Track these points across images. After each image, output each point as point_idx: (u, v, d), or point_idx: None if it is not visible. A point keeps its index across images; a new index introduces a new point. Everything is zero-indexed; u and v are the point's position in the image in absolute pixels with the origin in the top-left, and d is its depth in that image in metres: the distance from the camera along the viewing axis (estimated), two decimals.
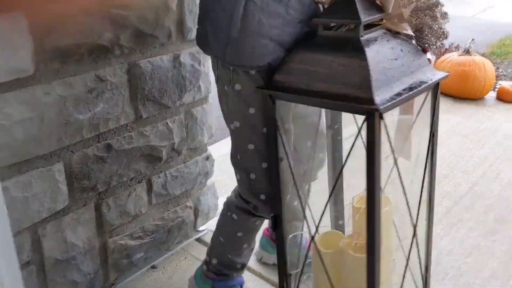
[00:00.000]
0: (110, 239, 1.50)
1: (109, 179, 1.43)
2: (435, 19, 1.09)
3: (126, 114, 1.41)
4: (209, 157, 1.73)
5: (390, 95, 0.94)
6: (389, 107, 0.92)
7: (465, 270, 1.74)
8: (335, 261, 1.20)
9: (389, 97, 0.93)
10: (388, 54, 0.99)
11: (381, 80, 0.94)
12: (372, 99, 0.90)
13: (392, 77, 0.97)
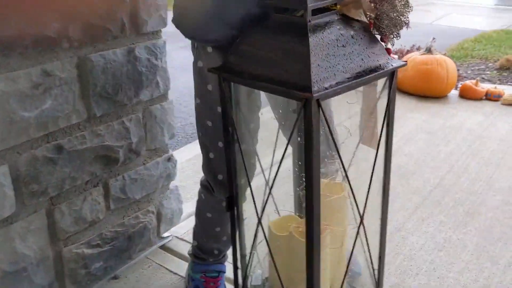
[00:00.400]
0: (65, 248, 1.40)
1: (61, 183, 1.33)
2: (394, 7, 1.05)
3: (78, 112, 1.32)
4: (171, 158, 1.65)
5: (331, 82, 0.91)
6: (327, 95, 0.90)
7: (438, 264, 1.71)
8: (286, 245, 1.19)
9: (329, 85, 0.91)
10: (336, 41, 0.97)
11: (322, 66, 0.91)
12: (309, 86, 0.88)
13: (337, 64, 0.94)
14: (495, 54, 4.88)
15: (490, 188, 2.20)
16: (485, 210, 2.02)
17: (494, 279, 1.64)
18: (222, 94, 1.09)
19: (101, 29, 1.31)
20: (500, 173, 2.32)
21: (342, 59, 0.95)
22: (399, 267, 1.69)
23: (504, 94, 3.16)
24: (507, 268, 1.69)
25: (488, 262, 1.72)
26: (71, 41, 1.25)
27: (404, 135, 2.72)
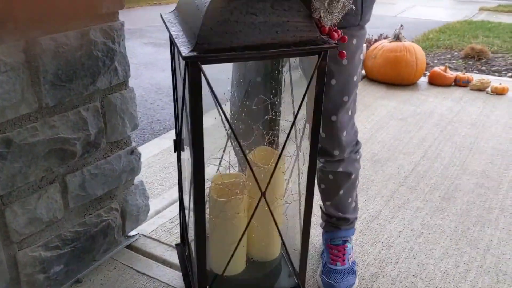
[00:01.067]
0: (20, 251, 1.28)
1: (12, 180, 1.21)
2: None
3: (28, 101, 1.20)
4: (134, 151, 1.54)
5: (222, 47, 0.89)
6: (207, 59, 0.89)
7: (417, 251, 1.66)
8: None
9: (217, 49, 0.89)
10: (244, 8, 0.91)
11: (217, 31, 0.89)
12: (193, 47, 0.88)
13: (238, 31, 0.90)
14: (460, 43, 4.93)
15: (464, 172, 2.17)
16: (460, 195, 1.99)
17: (474, 264, 1.60)
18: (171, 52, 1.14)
19: (51, 9, 1.19)
20: (473, 157, 2.30)
21: (246, 28, 0.91)
22: (378, 255, 1.63)
23: (472, 80, 3.16)
24: (486, 252, 1.66)
25: (467, 247, 1.68)
26: (17, 22, 1.13)
27: (376, 122, 2.68)
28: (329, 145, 1.35)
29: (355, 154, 1.45)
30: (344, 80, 1.27)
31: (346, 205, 1.51)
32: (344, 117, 1.33)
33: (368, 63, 3.23)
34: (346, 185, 1.46)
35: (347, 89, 1.29)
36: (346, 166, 1.42)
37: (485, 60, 4.38)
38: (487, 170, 2.19)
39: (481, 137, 2.51)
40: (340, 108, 1.30)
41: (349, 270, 1.49)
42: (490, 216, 1.85)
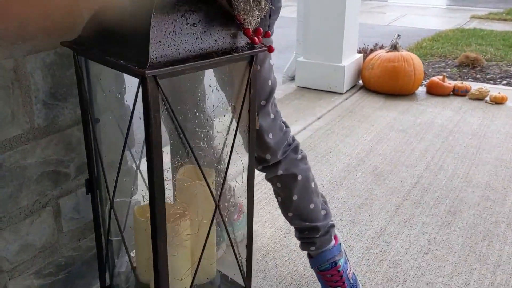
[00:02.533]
0: (11, 280, 1.20)
1: (2, 206, 1.14)
2: None
3: (19, 122, 1.13)
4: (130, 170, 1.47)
5: (173, 60, 0.89)
6: (165, 72, 0.87)
7: (426, 268, 1.60)
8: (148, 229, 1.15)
9: (170, 62, 0.88)
10: (184, 19, 0.93)
11: (165, 44, 0.88)
12: (146, 62, 0.85)
13: (183, 42, 0.92)
14: (454, 52, 4.93)
15: (468, 184, 2.12)
16: (466, 208, 1.94)
17: (485, 281, 1.54)
18: (76, 69, 1.08)
19: (40, 27, 1.13)
20: (476, 169, 2.26)
21: (191, 38, 0.93)
22: (385, 274, 1.57)
23: (470, 89, 3.13)
24: (496, 268, 1.60)
25: (476, 263, 1.63)
26: (5, 40, 1.07)
27: (376, 134, 2.63)
28: (259, 151, 1.31)
29: (293, 153, 1.37)
30: (259, 85, 1.26)
31: (310, 212, 1.40)
32: (266, 121, 1.29)
33: (365, 74, 3.19)
34: (296, 188, 1.36)
35: (263, 93, 1.27)
36: (286, 168, 1.34)
37: (480, 68, 4.37)
38: (491, 182, 2.14)
39: (483, 147, 2.47)
40: (259, 112, 1.28)
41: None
42: (497, 230, 1.80)
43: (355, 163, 2.30)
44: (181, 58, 0.90)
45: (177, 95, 1.25)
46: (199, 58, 0.92)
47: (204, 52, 0.94)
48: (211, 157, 1.28)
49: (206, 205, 1.18)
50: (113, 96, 1.31)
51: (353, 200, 2.00)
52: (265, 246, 1.70)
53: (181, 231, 1.13)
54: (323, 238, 1.40)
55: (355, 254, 1.66)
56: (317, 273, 1.44)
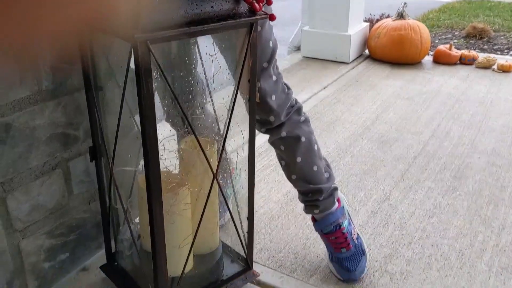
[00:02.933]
0: (23, 239, 1.23)
1: (13, 166, 1.16)
2: None
3: (27, 84, 1.14)
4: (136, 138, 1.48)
5: (167, 25, 0.87)
6: (158, 38, 0.86)
7: (431, 231, 1.62)
8: None
9: (163, 27, 0.86)
10: None
11: (157, 9, 0.87)
12: (138, 27, 0.84)
13: (177, 8, 0.90)
14: (461, 23, 4.87)
15: (474, 150, 2.12)
16: (472, 173, 1.95)
17: (490, 243, 1.56)
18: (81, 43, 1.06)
19: None
20: (483, 135, 2.25)
21: (185, 4, 0.90)
22: (390, 237, 1.59)
23: (478, 58, 3.11)
24: (501, 230, 1.62)
25: (481, 226, 1.64)
26: None
27: (382, 102, 2.63)
28: (262, 113, 1.31)
29: (296, 115, 1.37)
30: (261, 46, 1.24)
31: (313, 174, 1.40)
32: (268, 83, 1.29)
33: (372, 43, 3.17)
34: (299, 150, 1.37)
35: (264, 56, 1.26)
36: (289, 130, 1.35)
37: (487, 39, 4.32)
38: (497, 148, 2.14)
39: (490, 115, 2.46)
40: (261, 75, 1.27)
41: (358, 252, 1.43)
42: (503, 195, 1.81)
43: (361, 131, 2.31)
44: (174, 24, 0.88)
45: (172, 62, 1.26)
46: (193, 24, 0.90)
47: (199, 18, 0.92)
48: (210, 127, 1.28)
49: (206, 175, 1.19)
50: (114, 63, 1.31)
51: (359, 166, 2.01)
52: (272, 210, 1.72)
53: (179, 200, 1.14)
54: (326, 201, 1.41)
55: (360, 218, 1.68)
56: (322, 236, 1.46)
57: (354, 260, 1.41)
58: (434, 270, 1.44)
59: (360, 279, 1.40)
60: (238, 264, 1.38)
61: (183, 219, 1.18)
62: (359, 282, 1.39)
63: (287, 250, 1.52)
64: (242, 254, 1.41)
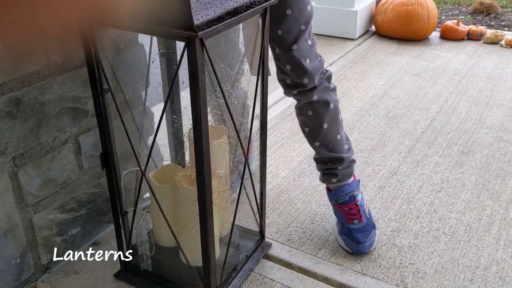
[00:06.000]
0: (35, 214, 1.25)
1: (23, 141, 1.16)
2: None
3: (35, 58, 1.14)
4: (146, 110, 1.49)
5: (211, 19, 0.88)
6: (210, 33, 0.86)
7: (438, 205, 1.62)
8: (171, 195, 1.19)
9: (210, 22, 0.87)
10: None
11: (201, 2, 0.87)
12: (191, 24, 0.83)
13: (215, 0, 0.90)
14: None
15: (482, 126, 2.12)
16: (479, 148, 1.95)
17: (497, 216, 1.57)
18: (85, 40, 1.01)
19: None
20: (490, 111, 2.24)
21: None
22: (398, 211, 1.59)
23: (485, 33, 3.07)
24: (509, 204, 1.62)
25: (489, 200, 1.64)
26: None
27: (389, 78, 2.61)
28: (297, 75, 1.33)
29: (327, 82, 1.40)
30: (298, 9, 1.27)
31: (336, 143, 1.43)
32: (304, 45, 1.31)
33: (378, 18, 3.13)
34: (326, 116, 1.39)
35: (302, 18, 1.28)
36: (320, 94, 1.38)
37: (494, 15, 4.26)
38: (505, 123, 2.13)
39: (498, 90, 2.44)
40: (298, 37, 1.29)
41: (369, 225, 1.45)
42: (511, 169, 1.81)
43: (368, 107, 2.30)
44: (217, 17, 0.90)
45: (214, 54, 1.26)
46: (230, 15, 0.92)
47: (232, 9, 0.94)
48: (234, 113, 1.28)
49: (223, 161, 1.21)
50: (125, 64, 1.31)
51: (366, 142, 2.00)
52: (279, 186, 1.73)
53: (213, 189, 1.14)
54: (345, 171, 1.44)
55: (368, 192, 1.69)
56: (335, 205, 1.47)
57: (364, 232, 1.42)
58: (441, 243, 1.45)
59: (368, 253, 1.41)
60: (252, 237, 1.41)
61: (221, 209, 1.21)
62: (367, 256, 1.40)
63: (295, 224, 1.54)
64: (253, 228, 1.42)
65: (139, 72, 1.42)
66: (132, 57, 1.37)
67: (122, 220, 1.29)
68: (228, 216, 1.30)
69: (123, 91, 1.28)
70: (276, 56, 1.32)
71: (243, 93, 1.51)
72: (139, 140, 1.35)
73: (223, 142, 1.20)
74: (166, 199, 1.20)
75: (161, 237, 1.27)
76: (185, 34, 0.84)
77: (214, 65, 0.96)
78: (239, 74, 1.36)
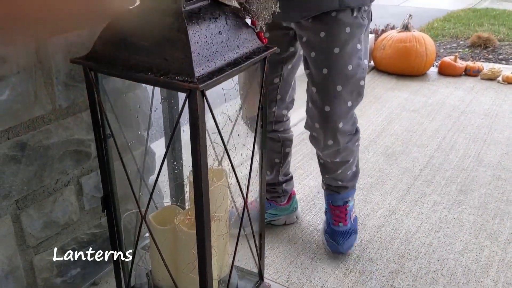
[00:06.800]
0: (36, 255, 1.26)
1: (27, 184, 1.18)
2: None
3: (41, 103, 1.17)
4: (148, 151, 1.51)
5: (212, 71, 0.90)
6: (211, 85, 0.88)
7: (437, 246, 1.63)
8: (170, 237, 1.19)
9: (211, 73, 0.89)
10: (212, 28, 0.95)
11: (203, 55, 0.90)
12: (192, 76, 0.86)
13: (215, 51, 0.93)
14: (465, 32, 4.88)
15: (480, 164, 2.14)
16: (477, 187, 1.96)
17: (496, 258, 1.57)
18: (90, 87, 1.03)
19: (62, 7, 1.16)
20: (488, 148, 2.27)
21: (220, 47, 0.94)
22: (397, 251, 1.60)
23: (483, 69, 3.12)
24: (507, 245, 1.63)
25: (487, 241, 1.65)
26: (28, 22, 1.10)
27: (387, 114, 2.65)
28: (323, 136, 1.35)
29: (353, 143, 1.44)
30: (337, 69, 1.26)
31: (346, 177, 1.55)
32: (340, 108, 1.30)
33: (377, 54, 3.19)
34: (343, 167, 1.50)
35: (340, 79, 1.27)
36: (343, 156, 1.43)
37: (492, 48, 4.32)
38: (503, 161, 2.15)
39: (495, 127, 2.47)
40: (334, 98, 1.28)
41: (351, 230, 1.57)
42: (509, 208, 1.82)
43: (367, 144, 2.32)
44: (218, 68, 0.92)
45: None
46: (231, 66, 0.94)
47: (232, 59, 0.96)
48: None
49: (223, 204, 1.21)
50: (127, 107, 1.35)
51: (365, 180, 2.02)
52: (279, 224, 1.74)
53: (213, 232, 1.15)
54: (347, 191, 1.57)
55: (367, 232, 1.70)
56: (329, 205, 1.60)
57: (346, 235, 1.54)
58: (440, 285, 1.45)
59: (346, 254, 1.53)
60: (251, 279, 1.41)
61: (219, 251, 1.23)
62: None
63: (295, 264, 1.54)
64: (251, 269, 1.43)
65: (142, 114, 1.45)
66: (135, 100, 1.41)
67: (122, 261, 1.30)
68: (227, 259, 1.31)
69: (125, 135, 1.31)
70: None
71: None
72: (139, 181, 1.37)
73: (223, 185, 1.21)
74: (165, 241, 1.21)
75: (160, 280, 1.28)
76: (186, 86, 0.87)
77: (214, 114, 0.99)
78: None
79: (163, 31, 0.91)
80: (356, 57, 1.29)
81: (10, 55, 1.08)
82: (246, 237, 1.35)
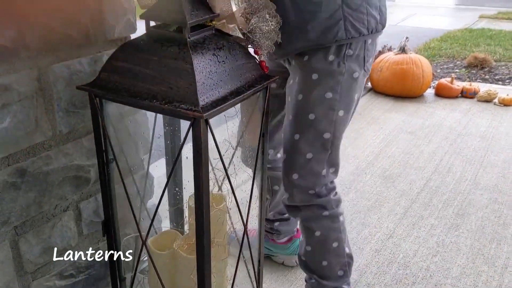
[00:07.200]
0: (34, 281, 1.25)
1: (26, 210, 1.18)
2: (265, 20, 1.07)
3: (42, 129, 1.18)
4: (147, 175, 1.52)
5: (216, 99, 0.92)
6: (214, 113, 0.90)
7: (434, 270, 1.63)
8: (169, 262, 1.19)
9: (214, 102, 0.91)
10: (216, 57, 0.97)
11: (207, 84, 0.91)
12: (197, 104, 0.88)
13: (219, 80, 0.95)
14: (462, 52, 4.93)
15: (476, 187, 2.15)
16: (474, 210, 1.97)
17: (493, 283, 1.57)
18: (95, 113, 1.05)
19: (63, 36, 1.18)
20: (485, 171, 2.28)
21: (223, 76, 0.96)
22: (394, 276, 1.60)
23: (479, 91, 3.15)
24: (504, 270, 1.63)
25: (484, 265, 1.66)
26: (30, 50, 1.12)
27: (385, 136, 2.66)
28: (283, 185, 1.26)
29: (321, 210, 1.24)
30: (298, 116, 1.16)
31: (321, 268, 1.31)
32: (296, 158, 1.18)
33: (374, 76, 3.22)
34: (310, 240, 1.29)
35: (299, 127, 1.17)
36: (305, 217, 1.27)
37: (489, 69, 4.37)
38: (499, 184, 2.17)
39: (491, 150, 2.49)
40: (290, 147, 1.18)
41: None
42: (505, 233, 1.83)
43: (364, 166, 2.34)
44: (221, 97, 0.93)
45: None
46: (234, 95, 0.96)
47: (235, 88, 0.97)
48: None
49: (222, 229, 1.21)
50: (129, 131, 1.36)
51: (363, 202, 2.03)
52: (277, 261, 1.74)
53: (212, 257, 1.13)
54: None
55: (365, 257, 1.70)
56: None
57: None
58: None
59: None
60: None
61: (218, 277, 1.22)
62: None
63: None
64: None
65: (141, 139, 1.46)
66: (134, 125, 1.42)
67: (121, 285, 1.30)
68: (226, 284, 1.31)
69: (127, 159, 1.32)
70: None
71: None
72: (140, 205, 1.38)
73: (222, 210, 1.22)
74: (164, 266, 1.22)
75: None
76: (191, 115, 0.88)
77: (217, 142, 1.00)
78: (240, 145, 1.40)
79: (168, 60, 0.93)
80: (322, 107, 1.17)
81: (12, 83, 1.10)
82: (245, 263, 1.36)
